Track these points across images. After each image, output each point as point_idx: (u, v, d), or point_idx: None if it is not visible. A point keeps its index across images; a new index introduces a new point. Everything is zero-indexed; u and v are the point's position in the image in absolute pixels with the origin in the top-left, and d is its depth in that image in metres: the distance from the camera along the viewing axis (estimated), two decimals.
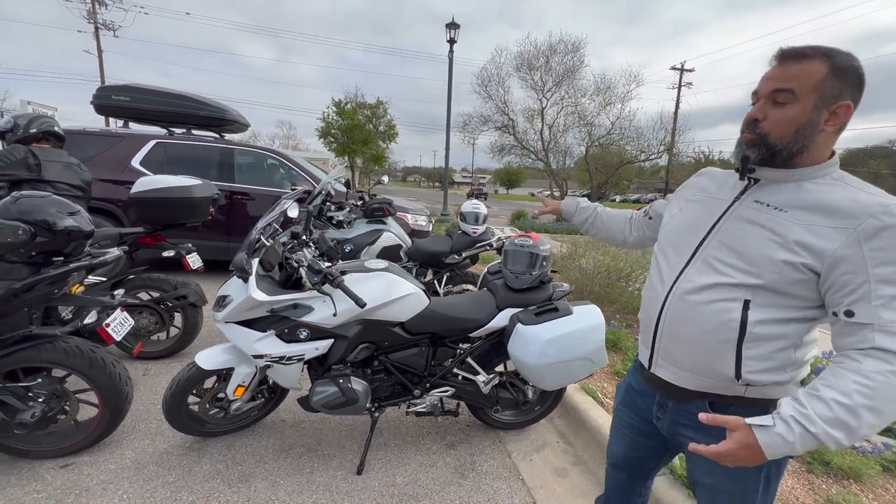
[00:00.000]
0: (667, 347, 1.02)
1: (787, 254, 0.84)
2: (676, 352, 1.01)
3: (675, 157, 17.25)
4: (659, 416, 1.11)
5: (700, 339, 0.95)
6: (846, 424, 0.75)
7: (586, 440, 2.29)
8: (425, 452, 2.20)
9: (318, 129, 23.47)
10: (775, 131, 0.87)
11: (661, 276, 1.05)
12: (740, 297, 0.89)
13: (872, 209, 0.80)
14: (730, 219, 0.95)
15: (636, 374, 1.22)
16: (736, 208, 0.95)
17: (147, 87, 5.12)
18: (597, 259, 4.49)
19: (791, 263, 0.84)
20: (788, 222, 0.86)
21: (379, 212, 3.64)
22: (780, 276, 0.85)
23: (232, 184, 5.07)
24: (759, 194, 0.93)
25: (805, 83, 0.83)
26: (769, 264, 0.86)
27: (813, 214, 0.84)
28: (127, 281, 2.94)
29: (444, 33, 11.70)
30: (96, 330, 1.92)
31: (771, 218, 0.88)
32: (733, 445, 0.82)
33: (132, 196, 2.73)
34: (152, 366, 2.93)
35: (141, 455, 2.05)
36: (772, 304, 0.88)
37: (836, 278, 0.82)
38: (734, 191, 0.98)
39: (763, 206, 0.91)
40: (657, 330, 1.04)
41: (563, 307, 1.99)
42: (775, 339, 0.89)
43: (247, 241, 1.85)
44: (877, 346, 0.77)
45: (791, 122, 0.85)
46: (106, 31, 22.65)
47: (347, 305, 1.79)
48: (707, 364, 0.95)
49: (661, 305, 1.02)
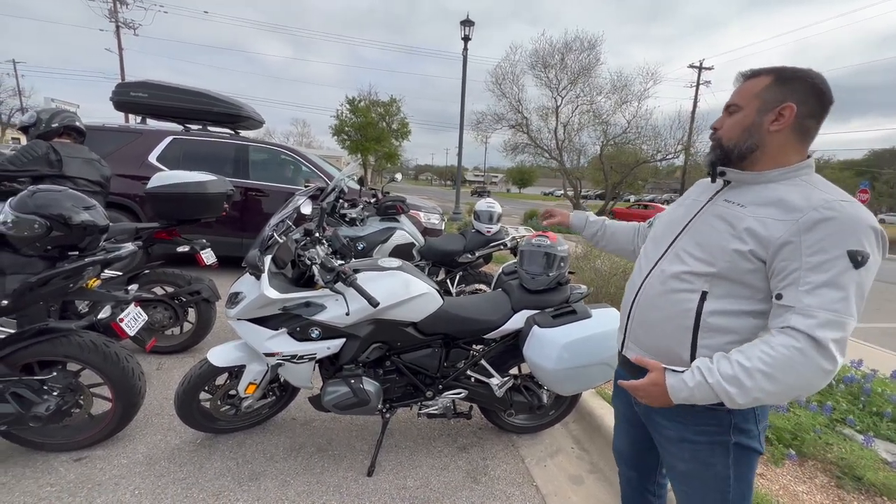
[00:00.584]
0: (636, 331, 1.12)
1: (738, 242, 0.92)
2: (643, 335, 1.10)
3: (691, 156, 16.92)
4: (635, 400, 1.16)
5: (662, 323, 1.04)
6: (740, 382, 0.86)
7: (602, 447, 2.22)
8: (437, 455, 2.16)
9: (331, 127, 23.62)
10: (726, 134, 1.00)
11: (639, 267, 1.16)
12: (699, 287, 0.97)
13: (817, 203, 0.87)
14: (701, 216, 1.05)
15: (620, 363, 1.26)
16: (708, 207, 1.04)
17: (164, 84, 5.17)
18: (612, 260, 4.40)
19: (740, 252, 0.91)
20: (743, 215, 0.94)
21: (392, 210, 3.60)
22: (732, 265, 0.93)
23: (246, 180, 5.10)
24: (729, 194, 1.01)
25: (748, 94, 0.97)
26: (722, 253, 0.94)
27: (766, 209, 0.92)
28: (142, 276, 2.96)
29: (458, 31, 11.63)
30: (110, 325, 1.92)
31: (731, 213, 0.97)
32: (647, 381, 0.98)
33: (148, 191, 2.74)
34: (166, 360, 2.95)
35: (153, 450, 2.05)
36: (727, 296, 0.95)
37: (776, 265, 0.89)
38: (711, 193, 1.08)
39: (729, 204, 0.99)
40: (630, 315, 1.14)
41: (581, 310, 1.93)
42: (727, 331, 0.96)
43: (259, 238, 1.83)
44: (790, 324, 0.85)
45: (737, 125, 0.98)
46: (127, 29, 23.11)
47: (360, 304, 1.76)
48: (667, 347, 1.03)
49: (636, 293, 1.12)
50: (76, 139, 2.93)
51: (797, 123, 0.93)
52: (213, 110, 5.18)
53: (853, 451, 2.04)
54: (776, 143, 0.95)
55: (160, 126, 5.31)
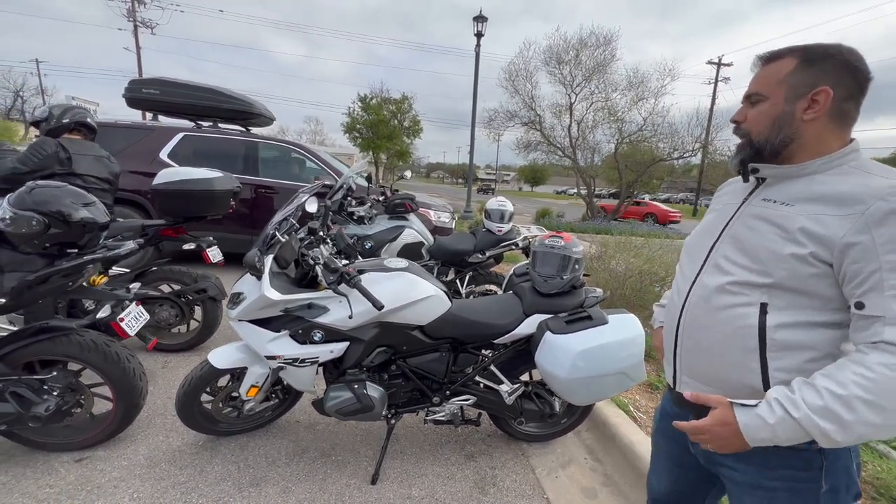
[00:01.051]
0: (688, 362, 0.97)
1: (793, 246, 0.80)
2: (698, 365, 0.95)
3: (709, 155, 16.48)
4: (692, 441, 0.98)
5: (719, 347, 0.89)
6: (838, 416, 0.70)
7: (617, 458, 2.12)
8: (443, 463, 2.08)
9: (343, 125, 23.68)
10: (754, 128, 0.89)
11: (677, 286, 1.03)
12: (756, 299, 0.84)
13: (881, 192, 0.74)
14: (738, 219, 0.93)
15: (667, 394, 1.11)
16: (744, 209, 0.93)
17: (176, 81, 5.18)
18: (628, 261, 4.26)
19: (798, 256, 0.79)
20: (793, 215, 0.82)
21: (401, 208, 3.53)
22: (791, 272, 0.80)
23: (256, 177, 5.08)
24: (767, 192, 0.90)
25: (771, 80, 0.86)
26: (777, 260, 0.82)
27: (818, 204, 0.80)
28: (149, 273, 2.94)
29: (471, 28, 11.50)
30: (110, 324, 1.88)
31: (777, 213, 0.85)
32: (711, 421, 0.81)
33: (153, 188, 2.71)
34: (172, 359, 2.92)
35: (154, 452, 2.01)
36: (792, 306, 0.82)
37: (846, 268, 0.76)
38: (744, 193, 0.96)
39: (771, 203, 0.88)
40: (676, 343, 0.99)
41: (597, 315, 1.82)
42: (803, 347, 0.81)
43: (261, 237, 1.77)
44: (885, 338, 0.71)
45: (765, 116, 0.87)
46: (144, 28, 23.50)
47: (364, 307, 1.69)
48: (731, 376, 0.88)
49: (679, 316, 0.98)
50: (87, 136, 2.92)
51: (835, 108, 0.82)
52: (224, 107, 5.17)
53: (890, 469, 1.91)
54: (813, 132, 0.84)
55: (172, 123, 5.32)
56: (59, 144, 2.63)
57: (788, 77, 0.85)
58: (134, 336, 2.20)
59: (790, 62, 0.85)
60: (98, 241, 1.81)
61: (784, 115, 0.85)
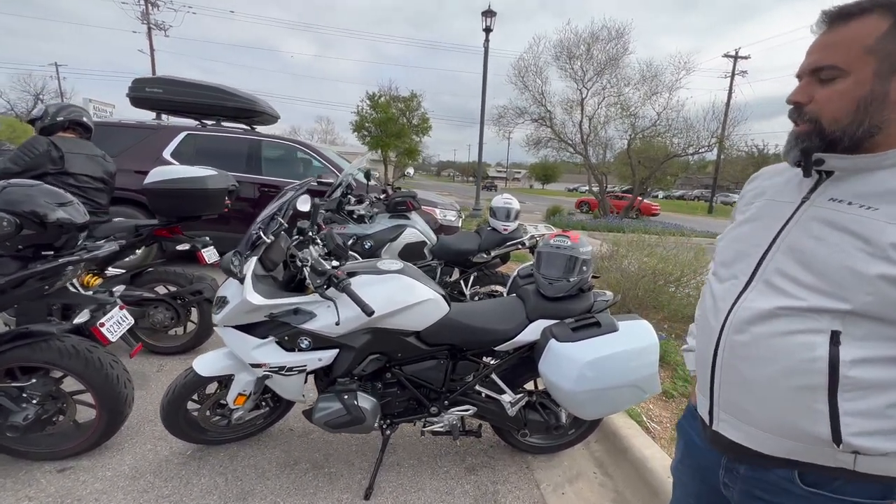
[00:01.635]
0: (729, 397, 0.78)
1: (883, 264, 0.61)
2: (743, 402, 0.76)
3: (725, 150, 16.02)
4: (727, 482, 0.84)
5: (772, 384, 0.70)
6: None
7: (628, 473, 1.97)
8: (442, 477, 1.96)
9: (351, 123, 23.67)
10: (827, 112, 0.68)
11: (714, 303, 0.82)
12: (825, 326, 0.66)
13: None
14: (797, 225, 0.73)
15: (695, 423, 0.92)
16: (805, 211, 0.73)
17: (179, 79, 5.14)
18: (641, 260, 4.08)
19: (890, 278, 0.61)
20: (881, 222, 0.63)
21: (402, 206, 3.41)
22: (878, 298, 0.62)
23: (259, 175, 5.01)
24: (835, 190, 0.71)
25: (854, 48, 0.65)
26: (859, 282, 0.63)
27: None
28: (145, 274, 2.88)
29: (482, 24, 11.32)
30: (90, 329, 1.79)
31: (855, 219, 0.66)
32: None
33: (144, 187, 2.64)
34: (167, 362, 2.85)
35: (140, 461, 1.92)
36: (874, 337, 0.64)
37: None
38: (801, 190, 0.76)
39: (843, 206, 0.68)
40: (714, 374, 0.80)
41: (606, 322, 1.68)
42: (889, 387, 0.64)
43: (244, 238, 1.66)
44: None
45: (846, 98, 0.66)
46: (158, 30, 23.84)
47: (353, 312, 1.57)
48: (786, 420, 0.70)
49: (717, 341, 0.78)
50: (81, 134, 2.86)
51: None
52: (228, 105, 5.12)
53: None
54: None
55: (176, 122, 5.29)
56: (51, 143, 2.57)
57: (879, 43, 0.64)
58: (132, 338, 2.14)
59: (879, 22, 0.64)
60: (76, 242, 1.72)
61: (873, 97, 0.65)
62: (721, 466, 0.85)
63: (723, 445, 0.82)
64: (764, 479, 0.77)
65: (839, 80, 0.67)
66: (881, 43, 0.64)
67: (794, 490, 0.73)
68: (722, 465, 0.85)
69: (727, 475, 0.84)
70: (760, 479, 0.77)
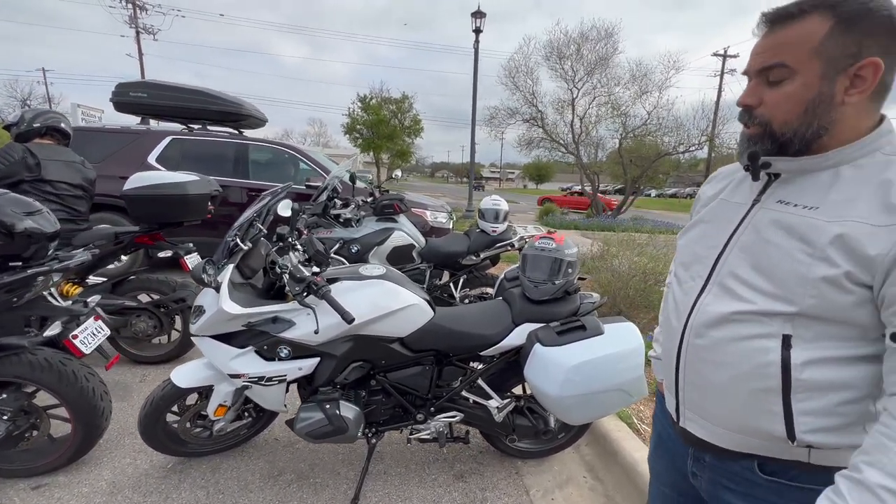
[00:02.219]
0: (692, 397, 0.81)
1: (824, 266, 0.63)
2: (705, 403, 0.79)
3: (716, 148, 16.13)
4: (695, 471, 0.88)
5: (731, 387, 0.73)
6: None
7: (619, 477, 1.95)
8: (430, 485, 1.93)
9: (343, 126, 23.60)
10: (777, 116, 0.69)
11: (675, 305, 0.85)
12: (776, 330, 0.68)
13: None
14: (749, 227, 0.74)
15: (665, 419, 0.94)
16: (755, 213, 0.75)
17: (163, 83, 5.07)
18: (632, 260, 4.07)
19: (831, 280, 0.62)
20: (821, 221, 0.65)
21: (389, 209, 3.37)
22: (822, 301, 0.63)
23: (247, 179, 4.95)
24: (782, 192, 0.73)
25: (800, 49, 0.65)
26: (803, 285, 0.64)
27: (853, 207, 0.63)
28: (126, 282, 2.82)
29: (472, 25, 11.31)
30: (63, 342, 1.74)
31: (799, 220, 0.67)
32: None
33: (123, 194, 2.58)
34: (151, 371, 2.79)
35: (119, 476, 1.87)
36: (823, 337, 0.66)
37: (886, 290, 0.60)
38: (753, 191, 0.78)
39: (789, 207, 0.70)
40: (678, 374, 0.82)
41: (591, 325, 1.65)
42: (838, 387, 0.66)
43: (220, 246, 1.62)
44: None
45: (794, 100, 0.67)
46: (146, 34, 23.60)
47: (333, 320, 1.53)
48: (747, 419, 0.73)
49: (679, 344, 0.81)
50: (59, 141, 2.80)
51: (879, 83, 0.64)
52: (213, 109, 5.05)
53: None
54: (851, 117, 0.66)
55: (161, 127, 5.22)
56: (26, 150, 2.51)
57: (822, 45, 0.64)
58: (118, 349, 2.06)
59: (821, 23, 0.64)
60: (47, 251, 1.67)
61: (821, 99, 0.65)
62: (689, 456, 0.88)
63: (689, 439, 0.85)
64: (728, 469, 0.80)
65: (787, 83, 0.67)
66: (825, 45, 0.64)
67: (755, 479, 0.76)
68: (690, 456, 0.88)
69: (695, 465, 0.87)
70: (725, 469, 0.81)
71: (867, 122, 0.67)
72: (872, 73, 0.63)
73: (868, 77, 0.64)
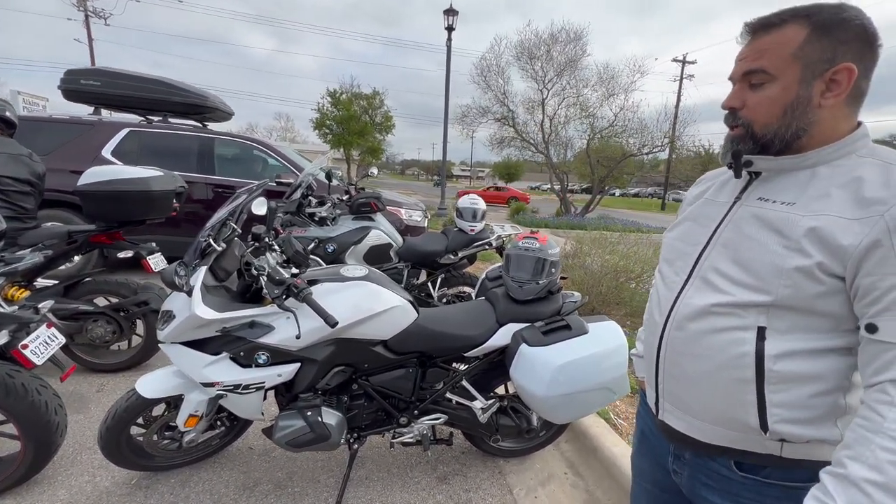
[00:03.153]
0: (672, 389, 0.83)
1: (798, 257, 0.66)
2: (684, 395, 0.81)
3: (677, 150, 16.85)
4: (676, 468, 0.90)
5: (709, 378, 0.76)
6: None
7: (599, 472, 1.99)
8: (413, 488, 1.90)
9: (312, 121, 23.00)
10: (759, 118, 0.73)
11: (658, 300, 0.88)
12: (752, 323, 0.71)
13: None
14: (730, 224, 0.78)
15: (647, 416, 0.97)
16: (737, 210, 0.79)
17: (119, 71, 4.75)
18: (604, 258, 4.17)
19: (804, 270, 0.66)
20: (796, 216, 0.69)
21: (366, 207, 3.29)
22: (795, 290, 0.67)
23: (212, 175, 4.73)
24: (763, 190, 0.77)
25: (779, 55, 0.70)
26: (777, 274, 0.68)
27: (827, 202, 0.67)
28: (81, 285, 2.62)
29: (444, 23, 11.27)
30: (11, 353, 1.59)
31: (778, 215, 0.71)
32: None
33: (78, 189, 2.38)
34: (109, 380, 2.61)
35: (76, 496, 1.73)
36: (796, 329, 0.69)
37: (860, 282, 0.63)
38: (735, 190, 0.82)
39: (769, 203, 0.74)
40: (658, 367, 0.85)
41: (576, 324, 1.67)
42: (809, 379, 0.68)
43: (191, 248, 1.52)
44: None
45: (774, 103, 0.71)
46: (97, 18, 22.06)
47: (315, 324, 1.47)
48: (723, 410, 0.76)
49: (660, 337, 0.83)
50: (3, 131, 2.56)
51: (854, 88, 0.69)
52: (175, 100, 4.77)
53: None
54: (828, 119, 0.71)
55: (117, 118, 4.89)
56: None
57: (801, 50, 0.68)
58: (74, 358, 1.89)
59: (798, 31, 0.69)
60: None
61: (798, 102, 0.70)
62: (670, 453, 0.90)
63: (669, 434, 0.87)
64: (707, 466, 0.82)
65: (768, 86, 0.72)
66: (802, 50, 0.69)
67: (732, 476, 0.78)
68: (671, 452, 0.90)
69: (675, 462, 0.89)
70: (704, 466, 0.83)
71: (844, 126, 0.72)
72: (847, 77, 0.67)
73: (843, 81, 0.68)
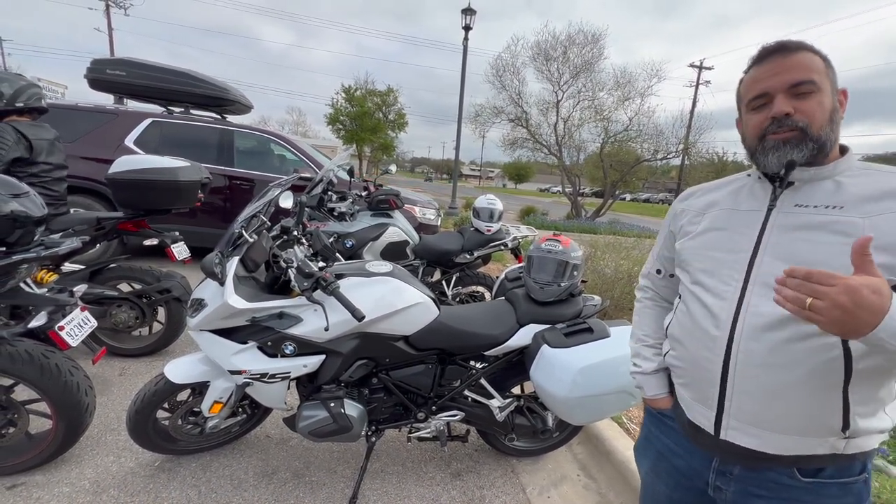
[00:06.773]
0: (746, 406, 0.78)
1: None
2: (761, 410, 0.77)
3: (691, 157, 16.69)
4: (720, 485, 0.87)
5: (797, 388, 0.73)
6: None
7: (611, 475, 2.00)
8: (428, 483, 1.92)
9: (326, 116, 23.13)
10: (815, 120, 0.75)
11: (707, 311, 0.82)
12: None
13: None
14: (774, 230, 0.78)
15: (671, 433, 0.95)
16: (776, 217, 0.79)
17: (144, 62, 4.83)
18: (618, 263, 4.17)
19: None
20: (854, 218, 0.71)
21: (385, 204, 3.33)
22: None
23: (231, 167, 4.79)
24: (796, 197, 0.78)
25: (817, 70, 0.76)
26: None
27: (880, 202, 0.71)
28: (106, 270, 2.68)
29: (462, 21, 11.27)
30: (47, 333, 1.64)
31: (832, 219, 0.73)
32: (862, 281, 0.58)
33: (109, 177, 2.44)
34: (131, 364, 2.67)
35: (102, 475, 1.78)
36: None
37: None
38: (759, 198, 0.83)
39: (810, 209, 0.76)
40: (725, 384, 0.79)
41: (598, 327, 1.68)
42: (882, 372, 0.72)
43: (225, 237, 1.56)
44: None
45: (824, 110, 0.76)
46: (117, 8, 22.37)
47: (342, 317, 1.50)
48: (807, 418, 0.75)
49: (726, 350, 0.79)
50: (36, 117, 2.62)
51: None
52: (197, 92, 4.84)
53: (892, 487, 1.84)
54: (837, 137, 0.80)
55: (139, 108, 4.97)
56: (16, 131, 2.32)
57: (825, 71, 0.77)
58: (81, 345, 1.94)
59: (815, 56, 0.78)
60: (33, 237, 1.56)
61: (835, 112, 0.78)
62: (712, 471, 0.87)
63: (726, 451, 0.83)
64: (762, 477, 0.80)
65: (815, 94, 0.76)
66: (826, 70, 0.78)
67: (794, 484, 0.78)
68: (713, 469, 0.87)
69: (719, 478, 0.86)
70: (758, 478, 0.81)
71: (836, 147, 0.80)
72: (845, 100, 0.79)
73: (844, 103, 0.79)
